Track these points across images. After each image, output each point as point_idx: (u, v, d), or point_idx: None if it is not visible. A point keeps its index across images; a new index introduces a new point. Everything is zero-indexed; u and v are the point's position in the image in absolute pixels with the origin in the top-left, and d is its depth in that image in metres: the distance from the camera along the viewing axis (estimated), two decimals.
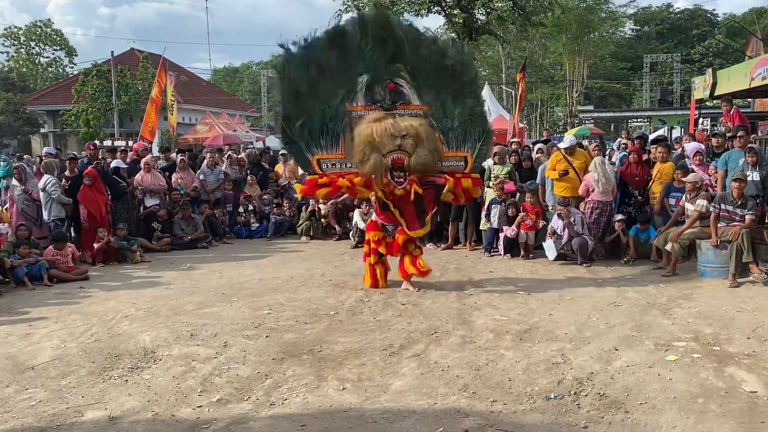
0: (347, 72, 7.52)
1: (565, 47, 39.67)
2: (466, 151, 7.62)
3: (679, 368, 4.76)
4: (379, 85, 7.56)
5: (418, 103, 7.61)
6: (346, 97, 7.51)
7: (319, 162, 7.51)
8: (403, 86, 7.59)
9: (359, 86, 7.52)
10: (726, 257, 7.57)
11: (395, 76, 7.58)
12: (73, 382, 4.83)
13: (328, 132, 7.46)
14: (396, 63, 7.56)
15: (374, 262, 7.67)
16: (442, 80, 7.60)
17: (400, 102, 7.59)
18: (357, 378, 4.79)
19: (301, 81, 7.48)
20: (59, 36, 53.07)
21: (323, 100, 7.45)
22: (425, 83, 7.58)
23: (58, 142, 35.78)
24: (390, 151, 7.23)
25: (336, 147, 7.49)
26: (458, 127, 7.56)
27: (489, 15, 22.58)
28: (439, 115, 7.58)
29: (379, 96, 7.57)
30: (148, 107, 18.47)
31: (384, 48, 7.49)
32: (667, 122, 28.34)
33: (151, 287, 8.00)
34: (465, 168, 7.63)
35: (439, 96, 7.59)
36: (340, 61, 7.50)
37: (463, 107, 7.59)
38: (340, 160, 7.53)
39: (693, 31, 54.92)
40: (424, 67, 7.57)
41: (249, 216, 12.18)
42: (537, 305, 6.67)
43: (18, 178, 9.76)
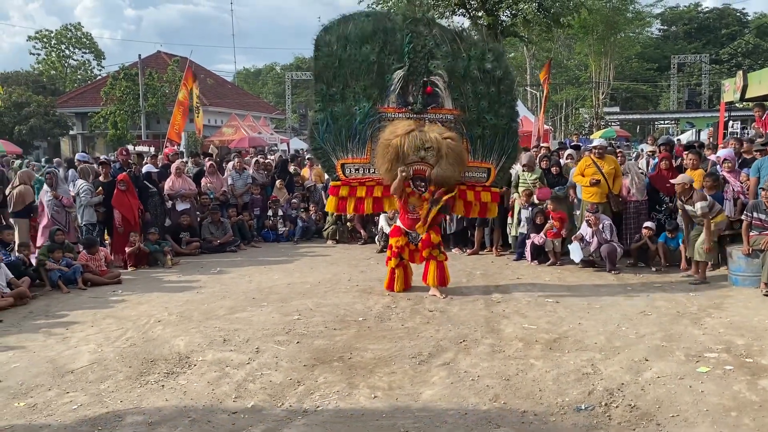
0: (382, 67, 7.51)
1: (591, 48, 39.33)
2: (491, 163, 7.65)
3: (710, 380, 4.74)
4: (413, 84, 7.55)
5: (450, 107, 7.61)
6: (379, 98, 7.56)
7: (342, 167, 7.63)
8: (439, 87, 7.56)
9: (393, 84, 7.53)
10: (758, 266, 7.48)
11: (432, 74, 7.54)
12: (111, 386, 4.96)
13: (356, 135, 7.57)
14: (435, 59, 7.52)
15: (395, 265, 7.74)
16: (480, 85, 7.55)
17: (432, 105, 7.59)
18: (388, 386, 4.84)
19: (335, 81, 7.54)
20: (88, 39, 54.02)
21: (356, 101, 7.52)
22: (462, 85, 7.54)
23: (86, 144, 36.46)
24: (413, 162, 7.33)
25: (362, 151, 7.59)
26: (489, 136, 7.57)
27: (514, 17, 22.49)
28: (471, 121, 7.57)
29: (412, 98, 7.58)
30: (175, 110, 18.77)
31: (424, 42, 7.51)
32: (696, 125, 27.97)
33: (183, 291, 8.14)
34: (487, 180, 7.67)
35: (476, 100, 7.55)
36: (377, 55, 7.49)
37: (498, 117, 7.59)
38: (364, 165, 7.63)
39: (722, 30, 54.14)
40: (463, 67, 7.52)
41: (276, 220, 12.31)
42: (566, 314, 6.66)
43: (49, 183, 9.86)
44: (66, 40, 53.07)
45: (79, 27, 54.12)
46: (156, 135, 31.82)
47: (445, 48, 7.51)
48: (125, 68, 33.64)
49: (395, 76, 7.52)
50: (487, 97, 7.56)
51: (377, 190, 7.69)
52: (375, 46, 7.49)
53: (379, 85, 7.56)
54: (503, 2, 21.62)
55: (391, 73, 7.52)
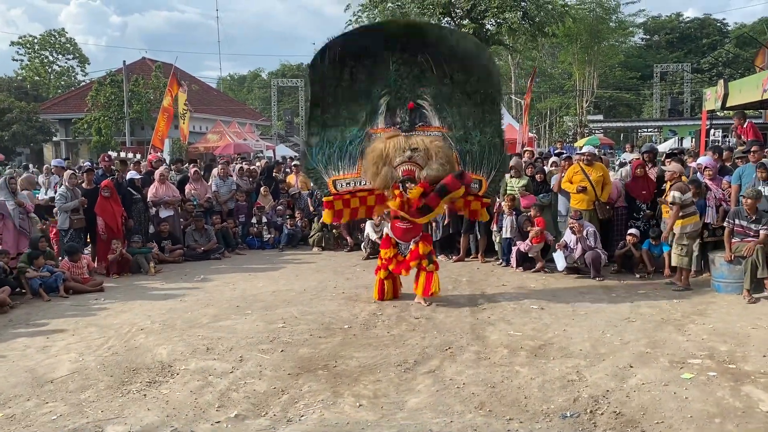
0: (370, 94, 7.69)
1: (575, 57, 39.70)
2: (482, 175, 7.69)
3: (694, 386, 4.76)
4: (400, 106, 7.70)
5: (438, 125, 7.71)
6: (368, 120, 7.69)
7: (334, 183, 7.65)
8: (425, 107, 7.69)
9: (381, 108, 7.68)
10: (740, 273, 7.55)
11: (418, 98, 7.70)
12: (92, 396, 4.88)
13: (347, 155, 7.64)
14: (421, 85, 7.69)
15: (384, 277, 7.73)
16: (464, 106, 7.71)
17: (420, 124, 7.70)
18: (373, 394, 4.81)
19: (329, 108, 7.69)
20: (72, 45, 53.62)
21: (346, 125, 7.66)
22: (447, 107, 7.70)
23: (70, 150, 36.11)
24: (401, 163, 7.30)
25: (353, 168, 7.64)
26: (477, 152, 7.66)
27: (500, 26, 22.65)
28: (459, 138, 7.67)
29: (400, 118, 7.69)
30: (159, 116, 18.64)
31: (411, 68, 7.66)
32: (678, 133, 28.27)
33: (166, 299, 8.05)
34: (479, 190, 7.70)
35: (461, 119, 7.70)
36: (365, 84, 7.69)
37: (483, 135, 7.70)
38: (355, 179, 7.66)
39: (703, 40, 54.85)
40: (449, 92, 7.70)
41: (261, 227, 12.24)
42: (551, 320, 6.68)
43: (13, 189, 9.34)
44: (50, 45, 52.63)
45: (63, 33, 53.71)
46: (140, 141, 31.58)
47: (430, 75, 7.66)
48: (112, 74, 33.37)
49: (382, 102, 7.68)
50: (472, 116, 7.72)
51: (370, 200, 7.71)
52: (364, 73, 7.69)
53: (366, 110, 7.70)
54: (488, 11, 21.77)
55: (378, 99, 7.69)
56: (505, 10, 21.59)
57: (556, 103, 49.33)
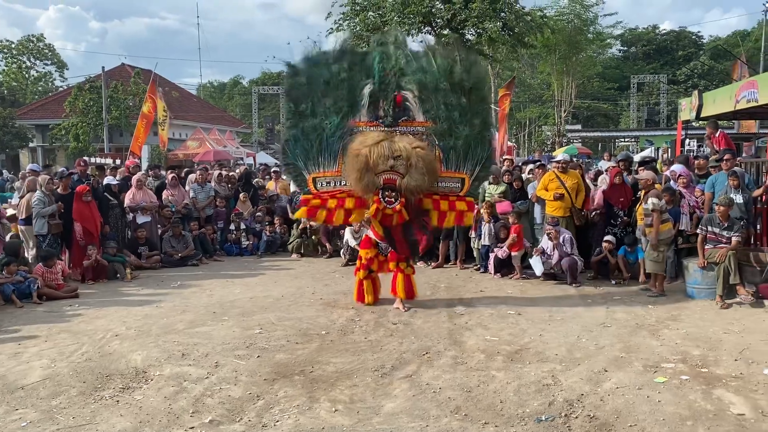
0: (352, 82, 7.57)
1: (554, 67, 40.07)
2: (465, 173, 7.65)
3: (667, 390, 4.82)
4: (384, 98, 7.58)
5: (421, 119, 7.63)
6: (350, 112, 7.58)
7: (314, 180, 7.61)
8: (409, 100, 7.59)
9: (363, 99, 7.56)
10: (713, 279, 7.66)
11: (402, 89, 7.59)
12: (63, 402, 4.81)
13: (327, 149, 7.55)
14: (405, 75, 7.59)
15: (363, 277, 7.72)
16: (451, 96, 7.58)
17: (403, 119, 7.62)
18: (349, 399, 4.80)
19: (305, 99, 7.58)
20: (51, 50, 52.97)
21: (326, 115, 7.53)
22: (433, 98, 7.58)
23: (47, 156, 35.59)
24: (382, 171, 7.28)
25: (334, 164, 7.58)
26: (461, 147, 7.58)
27: (480, 36, 22.77)
28: (443, 132, 7.59)
29: (383, 112, 7.60)
30: (139, 123, 18.49)
31: (395, 59, 7.59)
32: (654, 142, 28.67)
33: (142, 305, 7.96)
34: (461, 190, 7.68)
35: (447, 112, 7.57)
36: (347, 73, 7.57)
37: (470, 128, 7.61)
38: (335, 178, 7.62)
39: (679, 52, 55.74)
40: (434, 81, 7.56)
41: (240, 233, 12.17)
42: (527, 325, 6.71)
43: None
44: (27, 51, 51.93)
45: (41, 38, 53.05)
46: (119, 148, 31.25)
47: (415, 64, 7.58)
48: (90, 80, 33.00)
49: (365, 92, 7.56)
50: (458, 108, 7.58)
51: (348, 202, 7.65)
52: (344, 65, 7.59)
53: (349, 100, 7.58)
54: (468, 21, 21.88)
55: (361, 89, 7.56)
56: (485, 20, 21.69)
57: (535, 113, 49.74)
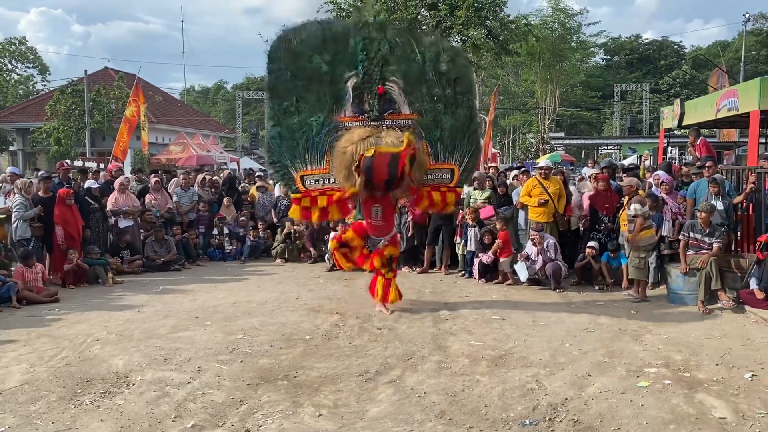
0: (335, 76, 7.45)
1: (538, 75, 40.42)
2: (454, 164, 7.62)
3: (650, 394, 4.85)
4: (367, 91, 7.49)
5: (407, 112, 7.56)
6: (335, 107, 7.49)
7: (302, 179, 7.54)
8: (394, 91, 7.50)
9: (347, 93, 7.47)
10: (695, 284, 7.74)
11: (386, 80, 7.49)
12: (43, 407, 4.73)
13: (314, 147, 7.46)
14: (389, 65, 7.48)
15: (334, 247, 7.86)
16: (436, 87, 7.53)
17: (389, 112, 7.53)
18: (333, 404, 4.77)
19: (288, 95, 7.47)
20: (33, 53, 52.44)
21: (311, 112, 7.44)
22: (418, 89, 7.52)
23: (27, 160, 35.20)
24: None
25: (321, 162, 7.49)
26: (447, 138, 7.54)
27: (464, 43, 22.92)
28: (428, 124, 7.54)
29: (368, 105, 7.51)
30: (121, 127, 18.34)
31: (378, 47, 7.45)
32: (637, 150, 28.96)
33: (123, 310, 7.88)
34: (451, 181, 7.66)
35: (432, 103, 7.54)
36: (329, 66, 7.44)
37: (455, 118, 7.58)
38: (324, 176, 7.54)
39: (661, 61, 56.46)
40: (418, 71, 7.49)
41: (223, 238, 12.09)
42: (511, 330, 6.73)
43: None
44: (9, 53, 51.36)
45: (23, 41, 52.49)
46: (101, 152, 30.94)
47: (399, 51, 7.47)
48: (73, 83, 32.67)
49: (349, 85, 7.45)
50: (443, 99, 7.55)
51: (337, 196, 7.54)
52: (325, 56, 7.44)
53: (333, 95, 7.49)
54: (454, 28, 22.01)
55: (345, 83, 7.46)
56: (470, 27, 21.85)
57: (519, 121, 50.10)
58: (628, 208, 8.29)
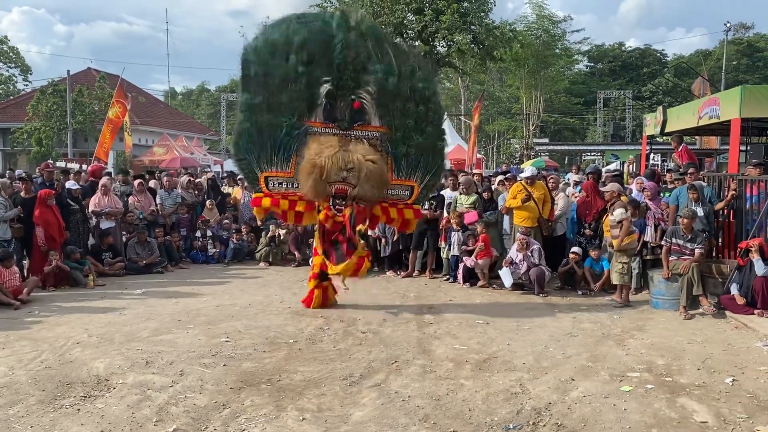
0: (310, 78, 7.39)
1: (522, 81, 40.65)
2: (415, 180, 7.70)
3: (633, 399, 4.87)
4: (342, 100, 7.48)
5: (377, 124, 7.57)
6: (306, 111, 7.46)
7: (266, 180, 7.54)
8: (366, 102, 7.50)
9: (321, 98, 7.43)
10: (677, 290, 7.81)
11: (360, 87, 7.47)
12: (21, 411, 4.65)
13: (281, 148, 7.44)
14: (365, 73, 7.46)
15: (314, 286, 7.90)
16: (409, 103, 7.56)
17: (359, 123, 7.54)
18: (317, 408, 4.74)
19: (261, 91, 7.42)
20: (15, 53, 51.80)
21: (281, 111, 7.41)
22: (391, 102, 7.53)
23: (7, 161, 34.73)
24: (335, 181, 7.32)
25: (287, 164, 7.49)
26: (413, 154, 7.61)
27: (449, 48, 23.02)
28: (397, 140, 7.58)
29: (339, 114, 7.50)
30: (104, 128, 18.17)
31: (356, 54, 7.43)
32: (620, 157, 29.21)
33: (104, 313, 7.78)
34: (409, 198, 7.73)
35: (403, 118, 7.56)
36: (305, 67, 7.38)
37: (424, 136, 7.65)
38: (288, 179, 7.55)
39: (644, 69, 57.02)
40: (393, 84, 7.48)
41: (206, 241, 12.01)
42: (495, 335, 6.74)
43: None
44: None
45: (5, 40, 51.84)
46: (83, 153, 30.62)
47: (378, 65, 7.45)
48: (54, 83, 32.30)
49: (323, 90, 7.41)
50: (414, 115, 7.60)
51: (299, 205, 7.65)
52: (303, 57, 7.35)
53: (306, 99, 7.44)
54: (439, 33, 22.11)
55: (319, 87, 7.41)
56: (455, 32, 21.95)
57: (504, 126, 50.31)
58: (611, 214, 8.35)
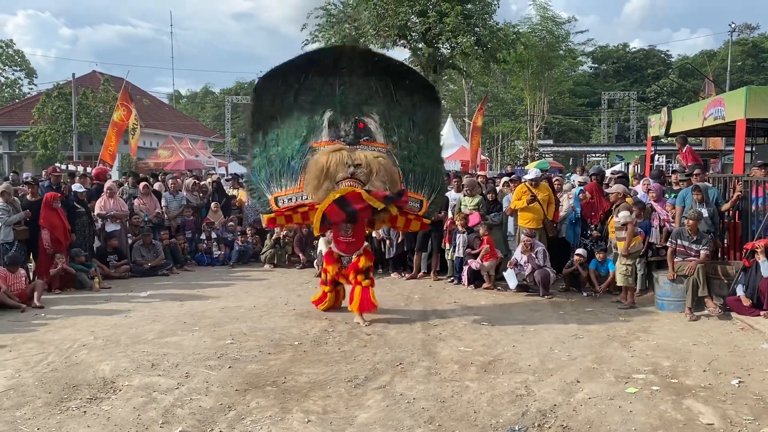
0: (314, 112, 7.56)
1: (526, 83, 40.60)
2: (422, 195, 7.70)
3: (638, 400, 4.87)
4: (344, 121, 7.54)
5: (382, 142, 7.61)
6: (311, 136, 7.52)
7: (276, 200, 7.50)
8: (371, 125, 7.58)
9: (323, 123, 7.53)
10: (682, 291, 7.79)
11: (365, 115, 7.60)
12: (28, 413, 4.68)
13: (289, 169, 7.45)
14: (368, 105, 7.63)
15: (328, 290, 7.91)
16: (411, 133, 7.75)
17: (365, 138, 7.55)
18: (322, 410, 4.75)
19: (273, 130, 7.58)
20: (20, 57, 52.08)
21: (289, 141, 7.49)
22: (395, 129, 7.66)
23: (13, 163, 34.87)
24: (342, 179, 7.17)
25: (295, 182, 7.45)
26: (419, 173, 7.68)
27: (453, 50, 23.02)
28: (403, 156, 7.63)
29: (344, 132, 7.52)
30: (109, 130, 18.21)
31: (358, 91, 7.60)
32: (625, 158, 29.14)
33: (110, 315, 7.81)
34: (420, 210, 7.70)
35: (407, 143, 7.70)
36: (310, 105, 7.57)
37: (426, 158, 7.81)
38: (297, 194, 7.46)
39: (648, 70, 56.92)
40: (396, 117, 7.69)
41: (211, 243, 12.04)
42: (500, 336, 6.74)
43: None
44: None
45: (10, 44, 52.11)
46: (88, 156, 30.76)
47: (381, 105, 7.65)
48: (60, 87, 32.44)
49: (325, 118, 7.53)
50: (416, 142, 7.79)
51: (311, 215, 7.50)
52: (306, 97, 7.60)
53: (309, 126, 7.56)
54: (442, 34, 22.11)
55: (321, 116, 7.55)
56: (459, 34, 21.94)
57: (508, 128, 50.23)
58: (616, 216, 8.34)
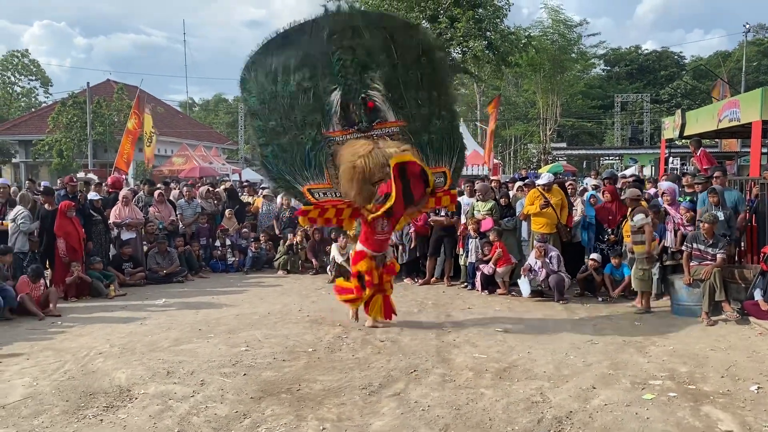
0: (317, 90, 7.33)
1: (538, 86, 40.47)
2: (444, 166, 7.61)
3: (655, 407, 4.82)
4: (353, 102, 7.37)
5: (394, 119, 7.45)
6: (322, 123, 7.34)
7: (311, 191, 7.38)
8: (377, 100, 7.38)
9: (333, 107, 7.32)
10: (699, 296, 7.71)
11: (368, 88, 7.37)
12: (46, 421, 4.72)
13: (310, 163, 7.30)
14: (368, 70, 7.38)
15: (371, 294, 7.41)
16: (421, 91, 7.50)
17: (377, 121, 7.41)
18: (337, 418, 4.75)
19: (273, 114, 7.37)
20: (36, 66, 52.76)
21: (301, 129, 7.31)
22: (403, 94, 7.44)
23: (29, 172, 35.25)
24: (380, 180, 7.06)
25: (321, 177, 7.32)
26: (436, 141, 7.52)
27: (464, 54, 23.01)
28: (417, 129, 7.48)
29: (355, 116, 7.38)
30: (124, 138, 18.39)
31: (353, 55, 7.34)
32: (638, 160, 28.97)
33: (126, 323, 7.87)
34: (445, 184, 7.63)
35: (418, 108, 7.49)
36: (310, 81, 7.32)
37: (441, 120, 7.60)
38: (329, 189, 7.39)
39: (661, 72, 56.52)
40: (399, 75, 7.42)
41: (226, 250, 12.09)
42: (515, 343, 6.70)
43: None
44: (12, 66, 51.69)
45: (26, 54, 52.83)
46: (103, 164, 31.00)
47: (379, 56, 7.38)
48: (74, 95, 32.79)
49: (333, 98, 7.32)
50: (427, 103, 7.55)
51: (346, 213, 7.45)
52: (306, 72, 7.32)
53: (319, 110, 7.34)
54: (454, 39, 22.12)
55: (329, 96, 7.33)
56: (470, 39, 21.95)
57: (521, 131, 50.06)
58: (631, 220, 8.28)
